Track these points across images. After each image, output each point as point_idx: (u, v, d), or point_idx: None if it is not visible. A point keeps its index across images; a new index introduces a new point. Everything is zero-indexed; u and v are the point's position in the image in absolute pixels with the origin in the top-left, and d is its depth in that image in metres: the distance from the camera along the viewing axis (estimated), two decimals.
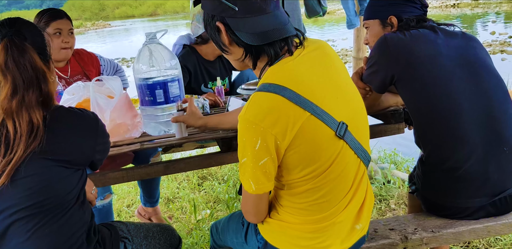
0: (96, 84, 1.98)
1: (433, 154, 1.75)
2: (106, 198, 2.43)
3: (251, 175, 1.27)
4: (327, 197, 1.35)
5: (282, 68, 1.29)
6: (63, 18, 2.52)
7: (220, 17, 1.30)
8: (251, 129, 1.21)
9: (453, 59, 1.73)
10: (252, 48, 1.30)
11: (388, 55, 1.77)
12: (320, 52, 1.37)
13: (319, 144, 1.27)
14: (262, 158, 1.23)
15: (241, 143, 1.26)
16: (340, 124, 1.29)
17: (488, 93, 1.70)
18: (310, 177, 1.30)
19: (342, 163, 1.33)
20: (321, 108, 1.25)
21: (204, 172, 3.97)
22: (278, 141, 1.22)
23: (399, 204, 3.06)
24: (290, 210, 1.39)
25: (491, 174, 1.66)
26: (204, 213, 3.15)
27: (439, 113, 1.70)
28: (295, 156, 1.26)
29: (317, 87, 1.28)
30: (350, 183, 1.39)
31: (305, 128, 1.23)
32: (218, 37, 1.36)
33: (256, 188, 1.29)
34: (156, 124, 2.01)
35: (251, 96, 1.27)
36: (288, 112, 1.22)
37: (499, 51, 10.03)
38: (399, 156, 3.93)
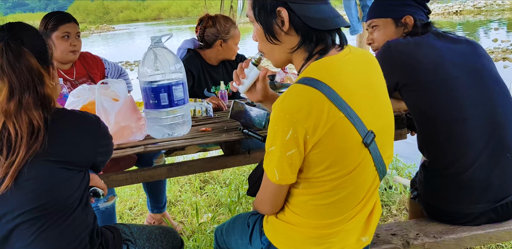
0: (102, 87, 2.00)
1: (436, 159, 1.76)
2: (109, 200, 2.44)
3: (276, 164, 1.26)
4: (339, 204, 1.34)
5: (326, 65, 1.28)
6: (70, 22, 2.55)
7: (282, 2, 1.27)
8: (284, 118, 1.20)
9: (457, 65, 1.74)
10: (313, 35, 1.29)
11: (392, 62, 1.77)
12: (365, 58, 1.37)
13: (345, 147, 1.25)
14: (290, 148, 1.22)
15: (272, 131, 1.24)
16: (369, 133, 1.27)
17: (492, 100, 1.71)
18: (328, 178, 1.29)
19: (362, 172, 1.32)
20: (354, 112, 1.24)
21: (206, 176, 3.98)
22: (308, 135, 1.20)
23: (400, 209, 3.06)
24: (300, 211, 1.38)
25: (493, 180, 1.66)
26: (206, 217, 3.15)
27: (443, 119, 1.71)
28: (319, 155, 1.25)
29: (355, 91, 1.27)
30: (363, 193, 1.37)
31: (336, 128, 1.21)
32: (272, 24, 1.31)
33: (280, 178, 1.28)
34: (160, 127, 2.02)
35: (290, 87, 1.26)
36: (323, 108, 1.20)
37: (501, 59, 10.04)
38: (400, 162, 3.93)
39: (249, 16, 1.39)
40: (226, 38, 2.87)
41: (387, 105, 1.39)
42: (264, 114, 2.01)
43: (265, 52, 1.41)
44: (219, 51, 2.92)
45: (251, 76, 1.53)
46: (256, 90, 1.56)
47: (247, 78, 1.53)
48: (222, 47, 2.89)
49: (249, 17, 1.39)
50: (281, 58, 1.39)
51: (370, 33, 2.04)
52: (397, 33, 1.94)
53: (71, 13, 2.68)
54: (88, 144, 1.39)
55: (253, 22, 1.38)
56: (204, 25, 2.89)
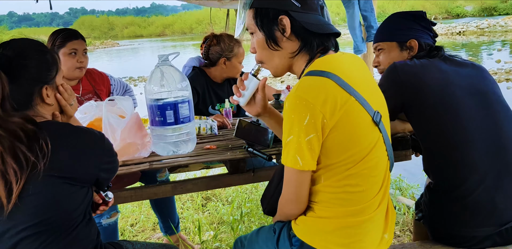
0: (109, 104, 2.01)
1: (442, 181, 1.76)
2: (112, 217, 2.43)
3: (297, 150, 1.30)
4: (363, 186, 1.38)
5: (329, 60, 1.40)
6: (78, 39, 2.58)
7: (283, 11, 1.41)
8: (301, 105, 1.27)
9: (463, 88, 1.75)
10: (313, 39, 1.43)
11: (398, 84, 1.79)
12: (357, 58, 1.54)
13: (359, 128, 1.34)
14: (309, 133, 1.28)
15: (289, 120, 1.30)
16: (376, 112, 1.38)
17: (498, 123, 1.72)
18: (348, 161, 1.34)
19: (377, 153, 1.39)
20: (361, 95, 1.34)
21: (208, 193, 3.97)
22: (325, 119, 1.27)
23: (404, 231, 3.04)
24: (326, 203, 1.40)
25: (498, 203, 1.65)
26: (208, 235, 3.13)
27: (449, 141, 1.71)
28: (337, 138, 1.31)
29: (357, 79, 1.38)
30: (382, 177, 1.44)
31: (349, 110, 1.30)
32: (274, 31, 1.44)
33: (303, 164, 1.31)
34: (165, 144, 2.03)
35: (300, 80, 1.36)
36: (336, 93, 1.29)
37: (505, 80, 10.08)
38: (404, 182, 3.91)
39: (249, 27, 1.51)
40: (230, 57, 2.90)
41: (381, 97, 1.52)
42: (269, 133, 2.02)
43: (265, 60, 1.52)
44: (223, 69, 2.94)
45: (251, 87, 1.58)
46: (255, 101, 1.62)
47: (247, 89, 1.59)
48: (226, 65, 2.92)
49: (249, 28, 1.51)
50: (281, 64, 1.50)
51: (376, 56, 2.08)
52: (402, 56, 1.97)
53: (76, 28, 2.72)
54: (91, 160, 1.39)
55: (253, 33, 1.50)
56: (208, 43, 2.93)
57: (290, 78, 11.73)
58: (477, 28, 23.94)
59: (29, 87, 1.40)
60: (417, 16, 1.98)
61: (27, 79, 1.39)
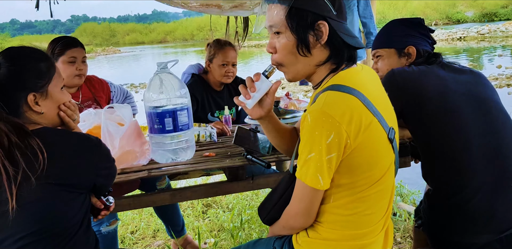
0: (107, 112, 2.01)
1: (441, 188, 1.75)
2: (112, 224, 2.42)
3: (318, 169, 1.25)
4: (372, 210, 1.35)
5: (353, 75, 1.35)
6: (77, 47, 2.59)
7: (322, 17, 1.32)
8: (327, 122, 1.21)
9: (462, 95, 1.75)
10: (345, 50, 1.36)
11: (396, 90, 1.79)
12: (372, 71, 1.49)
13: (378, 151, 1.30)
14: (331, 152, 1.23)
15: (311, 137, 1.24)
16: (391, 129, 1.35)
17: (497, 130, 1.72)
18: (361, 184, 1.31)
19: (390, 175, 1.37)
20: (379, 112, 1.30)
21: (209, 200, 3.96)
22: (349, 139, 1.22)
23: (405, 237, 3.03)
24: (333, 225, 1.37)
25: (497, 210, 1.65)
26: (209, 242, 3.12)
27: (448, 148, 1.71)
28: (355, 160, 1.27)
29: (376, 95, 1.34)
30: (389, 199, 1.41)
31: (372, 133, 1.26)
32: (308, 36, 1.34)
33: (324, 183, 1.27)
34: (164, 152, 2.03)
35: (325, 93, 1.28)
36: (361, 114, 1.24)
37: (506, 85, 10.07)
38: (405, 188, 3.90)
39: (276, 26, 1.37)
40: (211, 58, 2.94)
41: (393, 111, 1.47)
42: (268, 140, 2.02)
43: (286, 63, 1.40)
44: (211, 74, 2.98)
45: (263, 89, 1.48)
46: (262, 105, 1.52)
47: (257, 91, 1.48)
48: (210, 68, 2.95)
49: (275, 27, 1.37)
50: (303, 71, 1.41)
51: (374, 62, 2.08)
52: (401, 63, 1.97)
53: (78, 35, 2.75)
54: (88, 166, 1.38)
55: (279, 33, 1.37)
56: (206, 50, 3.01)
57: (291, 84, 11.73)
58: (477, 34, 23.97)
59: (14, 93, 1.39)
60: (415, 23, 1.98)
61: (12, 85, 1.39)
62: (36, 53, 1.48)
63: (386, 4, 36.94)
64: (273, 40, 1.40)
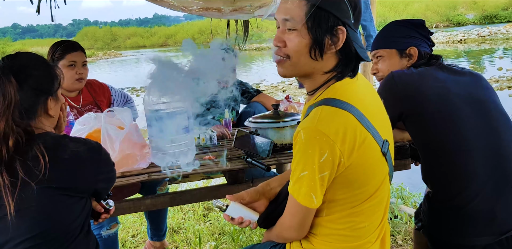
0: (107, 115, 2.02)
1: (441, 190, 1.75)
2: (112, 228, 2.42)
3: (311, 188, 1.23)
4: (366, 223, 1.35)
5: (347, 87, 1.30)
6: (77, 51, 2.60)
7: (342, 22, 1.25)
8: (321, 140, 1.19)
9: (461, 97, 1.75)
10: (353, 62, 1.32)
11: (396, 93, 1.79)
12: (366, 81, 1.43)
13: (372, 167, 1.28)
14: (324, 171, 1.21)
15: (304, 155, 1.22)
16: (385, 141, 1.32)
17: (497, 132, 1.72)
18: (354, 199, 1.30)
19: (384, 189, 1.35)
20: (372, 125, 1.27)
21: (210, 203, 3.95)
22: (342, 158, 1.21)
23: (406, 240, 3.02)
24: (326, 238, 1.36)
25: (498, 212, 1.65)
26: (209, 245, 3.12)
27: (448, 150, 1.71)
28: (349, 177, 1.25)
29: (371, 107, 1.31)
30: (383, 211, 1.39)
31: (366, 150, 1.24)
32: (324, 40, 1.26)
33: (318, 202, 1.25)
34: (164, 155, 2.03)
35: (319, 108, 1.25)
36: (356, 131, 1.22)
37: (506, 87, 10.07)
38: (406, 191, 3.89)
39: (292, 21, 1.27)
40: None
41: (388, 122, 1.44)
42: (268, 143, 2.02)
43: (293, 61, 1.31)
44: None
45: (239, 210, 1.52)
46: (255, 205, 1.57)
47: (242, 214, 1.51)
48: None
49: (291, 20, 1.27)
50: (303, 72, 1.33)
51: (374, 63, 2.07)
52: (401, 63, 1.96)
53: (79, 39, 2.76)
54: (88, 171, 1.39)
55: (293, 29, 1.28)
56: None
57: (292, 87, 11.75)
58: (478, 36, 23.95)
59: (36, 97, 1.41)
60: (417, 24, 1.98)
61: (34, 89, 1.40)
62: (45, 59, 1.51)
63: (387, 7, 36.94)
64: (284, 35, 1.30)
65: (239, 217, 1.50)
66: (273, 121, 2.13)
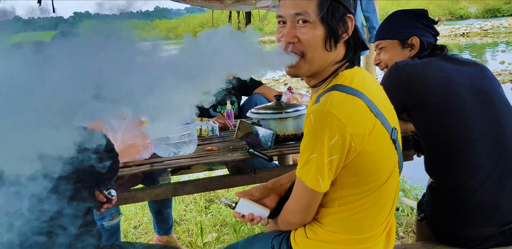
0: None
1: (444, 181, 1.75)
2: (114, 219, 2.43)
3: (319, 171, 1.22)
4: (373, 215, 1.35)
5: (356, 75, 1.31)
6: None
7: (349, 11, 1.29)
8: (332, 123, 1.17)
9: (465, 87, 1.74)
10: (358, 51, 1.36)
11: (400, 84, 1.78)
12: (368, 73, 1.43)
13: (382, 155, 1.28)
14: (333, 154, 1.19)
15: (314, 137, 1.20)
16: (394, 129, 1.32)
17: (500, 122, 1.71)
18: (366, 189, 1.30)
19: (393, 179, 1.35)
20: (380, 111, 1.27)
21: (211, 195, 3.96)
22: (353, 143, 1.19)
23: (407, 232, 3.02)
24: (333, 228, 1.36)
25: (501, 203, 1.65)
26: (211, 237, 3.13)
27: (452, 141, 1.71)
28: (361, 164, 1.25)
29: (378, 95, 1.33)
30: (391, 202, 1.39)
31: (376, 136, 1.24)
32: (337, 29, 1.27)
33: (324, 185, 1.24)
34: (166, 146, 2.03)
35: (329, 93, 1.24)
36: (367, 117, 1.23)
37: (509, 81, 10.03)
38: (407, 183, 3.89)
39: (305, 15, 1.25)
40: None
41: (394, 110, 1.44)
42: (271, 134, 2.02)
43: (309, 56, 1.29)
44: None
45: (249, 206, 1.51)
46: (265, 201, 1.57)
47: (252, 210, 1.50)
48: None
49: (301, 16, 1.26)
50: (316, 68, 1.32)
51: (377, 54, 2.05)
52: (404, 54, 1.95)
53: None
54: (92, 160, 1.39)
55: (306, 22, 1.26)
56: None
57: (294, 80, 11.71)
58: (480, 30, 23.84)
59: None
60: (419, 14, 1.96)
61: None
62: None
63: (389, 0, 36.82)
64: (295, 30, 1.27)
65: (250, 213, 1.48)
66: (275, 112, 2.12)
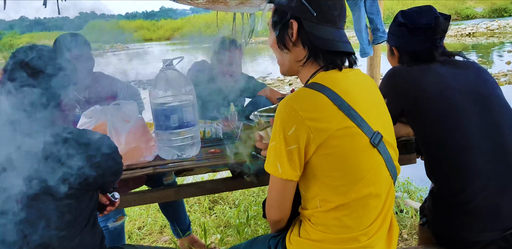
0: (113, 108, 2.02)
1: (444, 187, 1.74)
2: (119, 220, 2.44)
3: (278, 158, 1.30)
4: (361, 212, 1.36)
5: (332, 75, 1.37)
6: None
7: (295, 17, 1.38)
8: (290, 114, 1.26)
9: (463, 92, 1.73)
10: (320, 53, 1.39)
11: (396, 90, 1.78)
12: (365, 76, 1.49)
13: (354, 150, 1.30)
14: (290, 144, 1.27)
15: (275, 126, 1.30)
16: (376, 133, 1.34)
17: (500, 126, 1.70)
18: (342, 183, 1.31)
19: (377, 176, 1.36)
20: (358, 114, 1.31)
21: (216, 196, 3.96)
22: (312, 134, 1.25)
23: (411, 234, 3.02)
24: (321, 227, 1.38)
25: (502, 208, 1.64)
26: (215, 238, 3.13)
27: (450, 146, 1.70)
28: (328, 158, 1.29)
29: (359, 97, 1.35)
30: (382, 201, 1.39)
31: (342, 131, 1.27)
32: (283, 34, 1.42)
33: (282, 172, 1.31)
34: (169, 148, 2.04)
35: (297, 90, 1.33)
36: (330, 112, 1.27)
37: None
38: (412, 185, 3.88)
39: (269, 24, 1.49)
40: (216, 57, 2.96)
41: (387, 115, 1.47)
42: None
43: (277, 57, 1.50)
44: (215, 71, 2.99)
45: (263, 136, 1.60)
46: None
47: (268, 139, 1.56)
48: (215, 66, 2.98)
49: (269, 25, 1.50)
50: (288, 66, 1.47)
51: None
52: (394, 60, 1.97)
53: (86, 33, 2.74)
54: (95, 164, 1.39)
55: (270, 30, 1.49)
56: None
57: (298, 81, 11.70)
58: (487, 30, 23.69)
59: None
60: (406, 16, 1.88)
61: None
62: None
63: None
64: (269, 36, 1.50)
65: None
66: None
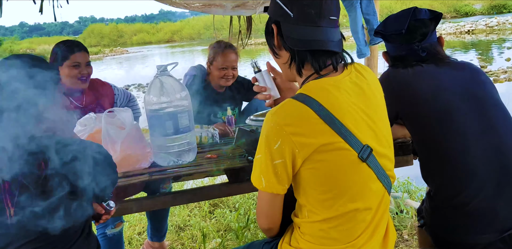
0: (108, 116, 2.02)
1: (441, 189, 1.74)
2: (117, 227, 2.44)
3: (262, 171, 1.30)
4: (348, 225, 1.33)
5: (322, 84, 1.32)
6: (81, 51, 2.59)
7: (276, 21, 1.38)
8: (275, 129, 1.25)
9: (458, 94, 1.72)
10: (295, 54, 1.37)
11: (391, 93, 1.76)
12: (365, 77, 1.41)
13: (340, 166, 1.28)
14: (276, 158, 1.26)
15: (261, 139, 1.30)
16: (364, 147, 1.30)
17: (496, 128, 1.68)
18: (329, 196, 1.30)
19: (366, 189, 1.33)
20: (346, 128, 1.27)
21: (216, 199, 3.96)
22: (297, 149, 1.24)
23: (412, 234, 3.01)
24: (309, 238, 1.37)
25: (500, 210, 1.63)
26: (215, 242, 3.13)
27: (446, 149, 1.69)
28: (314, 172, 1.27)
29: (348, 109, 1.30)
30: (372, 212, 1.36)
31: (328, 146, 1.25)
32: (271, 39, 1.43)
33: (266, 185, 1.30)
34: (165, 154, 2.03)
35: (284, 101, 1.31)
36: (316, 127, 1.25)
37: None
38: (412, 185, 3.88)
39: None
40: (212, 61, 2.96)
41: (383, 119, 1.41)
42: None
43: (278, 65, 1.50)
44: (211, 75, 2.99)
45: (267, 80, 1.60)
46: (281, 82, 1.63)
47: (268, 85, 1.60)
48: (210, 70, 2.98)
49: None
50: (285, 73, 1.48)
51: None
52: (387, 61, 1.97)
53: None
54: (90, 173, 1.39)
55: None
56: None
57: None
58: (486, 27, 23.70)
59: None
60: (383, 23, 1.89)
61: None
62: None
63: None
64: None
65: (264, 86, 1.61)
66: None
